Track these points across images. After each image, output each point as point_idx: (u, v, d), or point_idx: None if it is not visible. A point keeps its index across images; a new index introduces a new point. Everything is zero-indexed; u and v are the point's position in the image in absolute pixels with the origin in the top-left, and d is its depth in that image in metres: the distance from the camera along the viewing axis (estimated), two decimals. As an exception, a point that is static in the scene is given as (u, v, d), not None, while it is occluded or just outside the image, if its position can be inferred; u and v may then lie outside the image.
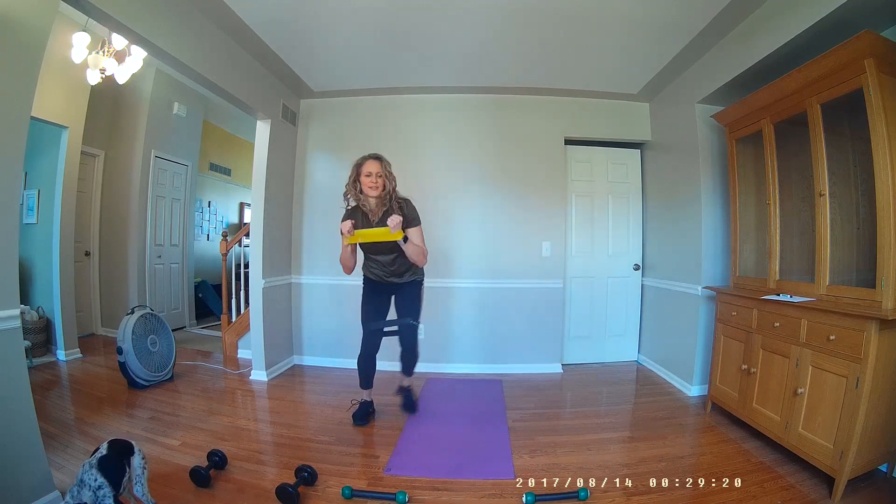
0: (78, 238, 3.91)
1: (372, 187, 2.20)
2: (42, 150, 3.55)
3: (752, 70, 2.39)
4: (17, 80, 1.50)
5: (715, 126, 2.84)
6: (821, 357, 1.83)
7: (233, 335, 3.79)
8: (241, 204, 6.77)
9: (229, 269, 3.80)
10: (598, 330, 3.72)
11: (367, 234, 2.14)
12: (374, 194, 2.22)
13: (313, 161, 3.64)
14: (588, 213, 3.69)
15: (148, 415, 2.51)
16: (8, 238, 1.51)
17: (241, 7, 2.36)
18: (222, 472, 1.90)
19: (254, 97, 2.95)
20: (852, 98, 1.81)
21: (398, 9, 2.38)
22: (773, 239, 2.30)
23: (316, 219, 3.60)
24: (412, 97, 3.55)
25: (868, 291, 1.74)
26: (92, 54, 3.16)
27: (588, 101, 3.55)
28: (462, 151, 3.53)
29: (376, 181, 2.20)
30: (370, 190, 2.20)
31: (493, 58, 2.94)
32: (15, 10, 1.47)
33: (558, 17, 2.42)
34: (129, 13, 1.94)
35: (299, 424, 2.46)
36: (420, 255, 2.23)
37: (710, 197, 2.90)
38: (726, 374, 2.46)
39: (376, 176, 2.20)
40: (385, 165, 2.25)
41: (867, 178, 1.83)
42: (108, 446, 1.48)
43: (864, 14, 1.85)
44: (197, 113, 5.02)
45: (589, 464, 2.01)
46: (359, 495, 1.73)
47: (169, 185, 4.73)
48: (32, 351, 3.31)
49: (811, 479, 1.86)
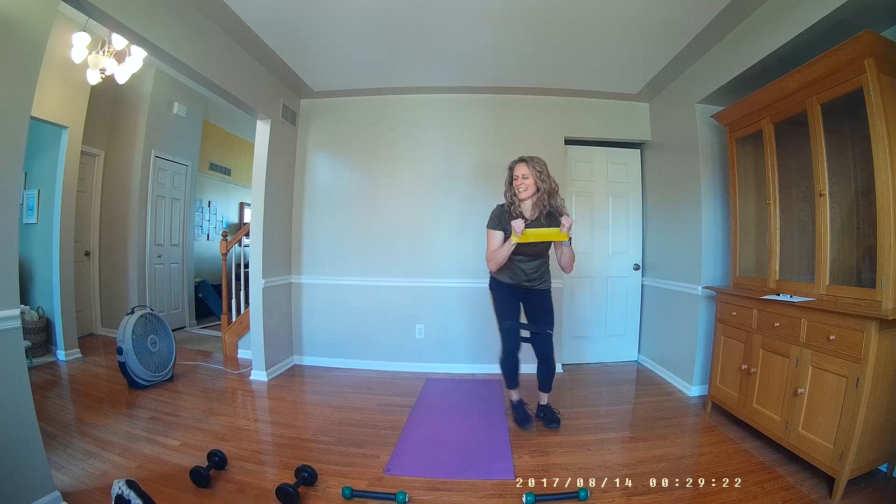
0: (78, 238, 3.92)
1: (521, 189, 2.22)
2: (42, 150, 3.55)
3: (752, 70, 2.39)
4: (17, 80, 1.50)
5: (715, 126, 2.84)
6: (821, 357, 1.83)
7: (233, 335, 3.79)
8: (241, 204, 6.77)
9: (229, 269, 3.80)
10: (598, 330, 3.72)
11: (538, 234, 2.12)
12: (523, 196, 2.23)
13: (313, 161, 3.64)
14: (588, 212, 3.69)
15: (148, 415, 2.51)
16: (8, 238, 1.51)
17: (241, 7, 2.36)
18: (222, 472, 1.90)
19: (254, 97, 2.95)
20: (852, 98, 1.81)
21: (398, 9, 2.38)
22: (773, 239, 2.30)
23: (316, 219, 3.61)
24: (412, 97, 3.55)
25: (868, 291, 1.74)
26: (92, 54, 3.16)
27: (588, 101, 3.55)
28: (462, 151, 3.53)
29: (523, 183, 2.21)
30: (520, 192, 2.23)
31: (493, 58, 2.94)
32: (15, 10, 1.47)
33: (558, 17, 2.42)
34: (129, 13, 1.94)
35: (299, 424, 2.46)
36: (572, 262, 2.25)
37: (710, 197, 2.90)
38: (726, 373, 2.46)
39: (522, 178, 2.21)
40: (534, 165, 2.22)
41: (867, 178, 1.83)
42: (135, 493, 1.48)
43: (864, 14, 1.85)
44: (197, 113, 5.02)
45: (589, 464, 2.01)
46: (359, 495, 1.74)
47: (169, 185, 4.73)
48: (32, 351, 3.32)
49: (811, 479, 1.86)
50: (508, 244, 2.16)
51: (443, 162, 3.53)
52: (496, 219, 2.30)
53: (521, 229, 2.08)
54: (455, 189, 3.52)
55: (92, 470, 1.88)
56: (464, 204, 3.50)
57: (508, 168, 2.30)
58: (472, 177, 3.52)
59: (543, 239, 2.16)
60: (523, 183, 2.21)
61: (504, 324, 2.36)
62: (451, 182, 3.52)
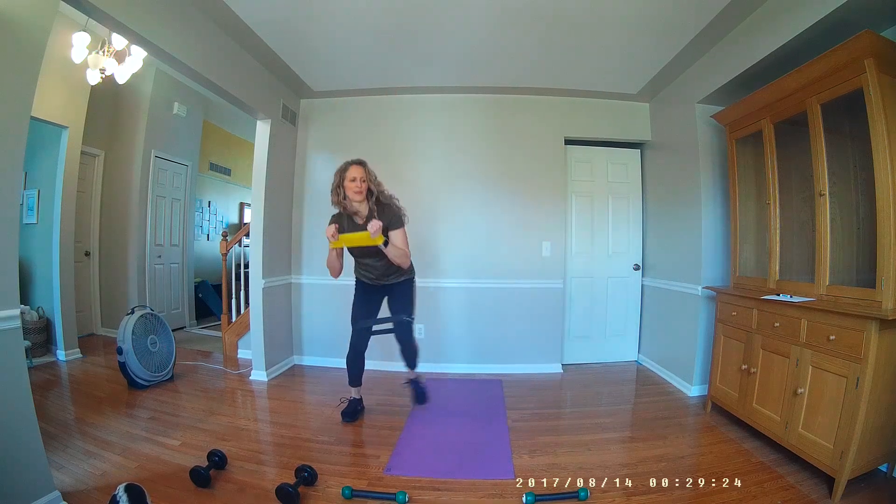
0: (78, 238, 3.91)
1: (356, 192, 2.22)
2: (42, 150, 3.55)
3: (752, 70, 2.39)
4: (17, 80, 1.50)
5: (715, 126, 2.84)
6: (821, 357, 1.83)
7: (233, 335, 3.79)
8: (241, 204, 6.77)
9: (229, 269, 3.80)
10: (598, 330, 3.72)
11: (349, 239, 2.18)
12: (357, 199, 2.24)
13: (313, 161, 3.64)
14: (588, 212, 3.69)
15: (148, 415, 2.51)
16: (8, 238, 1.50)
17: (241, 7, 2.36)
18: (222, 472, 1.90)
19: (254, 97, 2.95)
20: (852, 98, 1.81)
21: (398, 9, 2.38)
22: (773, 239, 2.30)
23: (316, 219, 3.60)
24: (412, 97, 3.55)
25: (868, 291, 1.74)
26: (92, 54, 3.16)
27: (588, 101, 3.55)
28: (462, 151, 3.53)
29: (360, 186, 2.22)
30: (354, 195, 2.23)
31: (493, 58, 2.94)
32: (15, 10, 1.47)
33: (558, 17, 2.42)
34: (129, 13, 1.94)
35: (299, 424, 2.46)
36: (402, 258, 2.27)
37: (710, 197, 2.90)
38: (726, 373, 2.46)
39: (360, 181, 2.22)
40: (369, 170, 2.28)
41: (867, 178, 1.83)
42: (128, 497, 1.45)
43: (864, 14, 1.85)
44: (197, 113, 5.02)
45: (589, 464, 2.01)
46: (359, 495, 1.74)
47: (169, 185, 4.73)
48: (32, 351, 3.32)
49: (811, 479, 1.86)
50: (330, 251, 2.23)
51: (442, 162, 3.53)
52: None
53: (332, 234, 2.14)
54: (455, 189, 3.52)
55: (92, 470, 1.88)
56: (464, 204, 3.51)
57: (338, 171, 2.27)
58: (472, 177, 3.52)
59: (355, 244, 2.19)
60: (360, 186, 2.22)
61: (355, 324, 2.42)
62: (451, 182, 3.52)
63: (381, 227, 2.13)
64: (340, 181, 2.26)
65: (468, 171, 3.52)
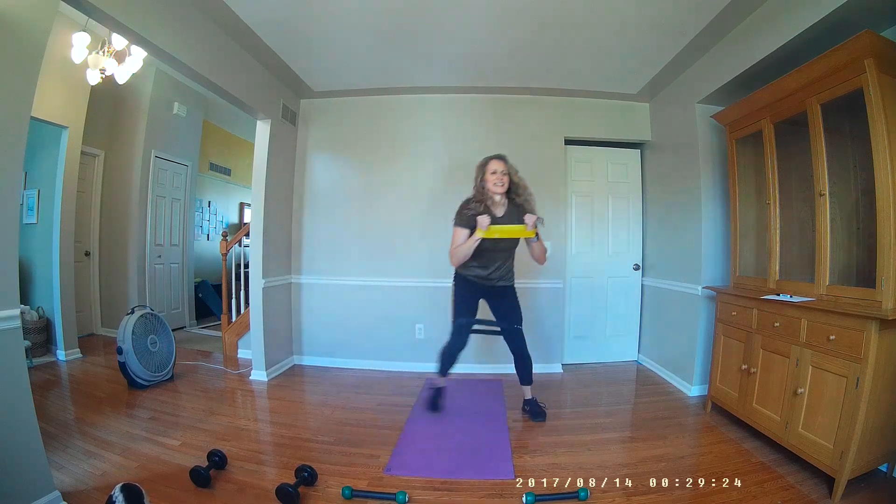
0: (78, 238, 3.91)
1: (497, 184, 2.24)
2: (42, 150, 3.55)
3: (752, 70, 2.39)
4: (17, 80, 1.50)
5: (715, 126, 2.84)
6: (821, 357, 1.83)
7: (233, 335, 3.79)
8: (241, 204, 6.77)
9: (229, 269, 3.80)
10: (598, 330, 3.72)
11: (503, 231, 2.17)
12: (499, 191, 2.26)
13: (313, 161, 3.64)
14: (588, 213, 3.69)
15: (148, 415, 2.51)
16: (8, 238, 1.50)
17: (241, 7, 2.36)
18: (222, 472, 1.90)
19: (254, 97, 2.95)
20: (852, 98, 1.81)
21: (398, 9, 2.38)
22: (773, 239, 2.30)
23: (316, 219, 3.61)
24: (412, 97, 3.55)
25: (868, 291, 1.74)
26: (92, 54, 3.15)
27: (588, 101, 3.55)
28: (462, 151, 3.52)
29: (502, 178, 2.25)
30: (496, 187, 2.25)
31: (493, 58, 2.94)
32: (15, 10, 1.47)
33: (558, 17, 2.42)
34: (129, 13, 1.94)
35: (299, 424, 2.46)
36: (543, 255, 2.29)
37: (710, 197, 2.90)
38: (726, 374, 2.46)
39: (501, 173, 2.25)
40: (509, 163, 2.31)
41: (867, 178, 1.83)
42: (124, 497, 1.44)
43: (864, 14, 1.85)
44: (197, 113, 5.02)
45: (589, 464, 2.01)
46: (359, 495, 1.73)
47: (169, 185, 4.73)
48: (32, 351, 3.32)
49: (811, 479, 1.86)
50: (472, 239, 2.20)
51: (443, 161, 3.52)
52: (463, 215, 2.30)
53: (487, 225, 2.13)
54: (455, 189, 3.50)
55: (92, 470, 1.88)
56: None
57: (479, 166, 2.33)
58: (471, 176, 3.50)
59: (508, 235, 2.19)
60: (501, 178, 2.24)
61: (459, 320, 2.40)
62: (451, 182, 3.51)
63: (536, 221, 2.15)
64: (483, 175, 2.30)
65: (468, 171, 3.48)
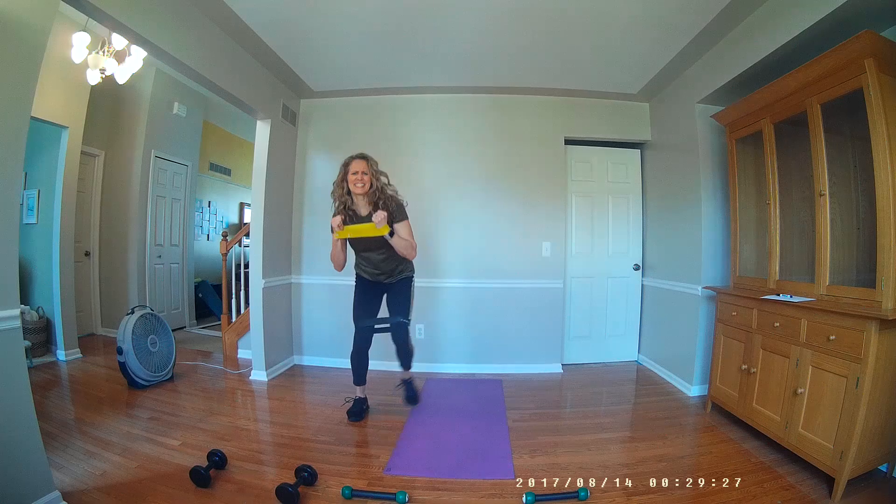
0: (78, 238, 3.91)
1: (357, 184, 2.26)
2: (42, 150, 3.55)
3: (752, 70, 2.39)
4: (17, 80, 1.50)
5: (715, 126, 2.84)
6: (821, 357, 1.83)
7: (233, 335, 3.79)
8: (241, 204, 6.77)
9: (229, 269, 3.80)
10: (598, 330, 3.72)
11: (354, 230, 2.21)
12: (360, 191, 2.27)
13: (313, 161, 3.64)
14: (588, 213, 3.69)
15: (148, 415, 2.51)
16: (8, 238, 1.50)
17: (241, 7, 2.37)
18: (222, 472, 1.90)
19: (254, 97, 2.95)
20: (852, 98, 1.81)
21: (398, 9, 2.38)
22: (773, 239, 2.30)
23: (316, 219, 3.60)
24: (412, 97, 3.55)
25: (868, 291, 1.74)
26: (92, 54, 3.15)
27: (588, 101, 3.55)
28: (462, 152, 3.53)
29: (362, 178, 2.26)
30: (356, 188, 2.26)
31: (493, 58, 2.94)
32: (15, 10, 1.47)
33: (558, 17, 2.42)
34: (129, 13, 1.94)
35: (299, 424, 2.46)
36: (408, 249, 2.29)
37: (710, 197, 2.90)
38: (726, 373, 2.46)
39: (362, 174, 2.27)
40: (371, 164, 2.32)
41: (867, 178, 1.82)
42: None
43: (864, 14, 1.85)
44: (197, 113, 5.02)
45: (589, 464, 2.01)
46: (359, 495, 1.74)
47: (169, 185, 4.73)
48: (32, 351, 3.32)
49: (811, 479, 1.86)
50: (334, 242, 2.26)
51: (442, 161, 3.53)
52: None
53: (338, 225, 2.18)
54: (455, 188, 3.52)
55: (92, 470, 1.88)
56: (464, 204, 3.51)
57: (342, 165, 2.34)
58: (472, 177, 3.52)
59: (361, 234, 2.23)
60: (362, 178, 2.26)
61: (357, 322, 2.44)
62: (451, 181, 3.52)
63: (385, 217, 2.16)
64: (344, 175, 2.30)
65: (468, 171, 3.52)
